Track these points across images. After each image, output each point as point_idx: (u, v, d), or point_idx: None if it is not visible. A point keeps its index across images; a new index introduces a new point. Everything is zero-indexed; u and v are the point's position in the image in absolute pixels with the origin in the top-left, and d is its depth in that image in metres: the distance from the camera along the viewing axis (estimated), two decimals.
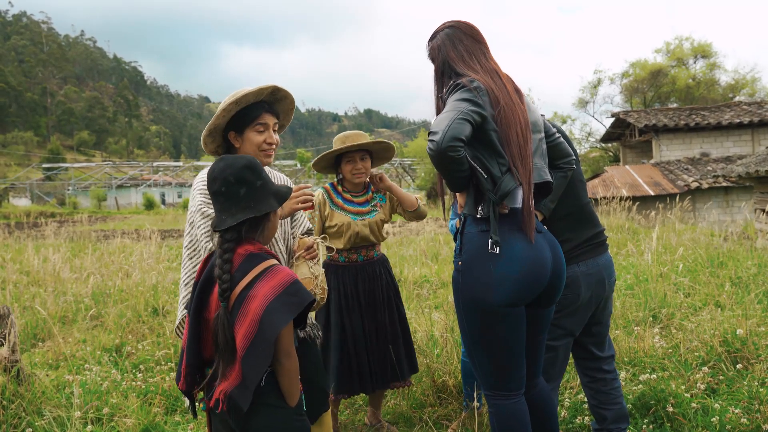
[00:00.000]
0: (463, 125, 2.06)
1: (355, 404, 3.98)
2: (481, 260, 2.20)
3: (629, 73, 33.54)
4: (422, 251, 9.48)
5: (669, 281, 5.92)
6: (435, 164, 2.12)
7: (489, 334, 2.25)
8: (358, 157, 3.46)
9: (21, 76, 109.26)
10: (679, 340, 4.29)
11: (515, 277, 2.17)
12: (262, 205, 2.01)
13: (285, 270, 1.97)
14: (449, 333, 4.23)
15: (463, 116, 2.08)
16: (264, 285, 1.90)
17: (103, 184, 56.48)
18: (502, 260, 2.17)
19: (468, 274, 2.23)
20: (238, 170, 2.00)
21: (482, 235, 2.21)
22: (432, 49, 2.50)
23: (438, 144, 2.03)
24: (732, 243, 8.80)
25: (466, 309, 2.27)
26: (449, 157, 2.05)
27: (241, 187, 1.99)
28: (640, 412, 3.36)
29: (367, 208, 3.49)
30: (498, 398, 2.31)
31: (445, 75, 2.42)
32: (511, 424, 2.29)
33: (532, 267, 2.19)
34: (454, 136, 2.03)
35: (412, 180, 46.31)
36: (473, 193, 2.25)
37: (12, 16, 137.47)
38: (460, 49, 2.40)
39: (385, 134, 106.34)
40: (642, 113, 21.92)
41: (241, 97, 2.45)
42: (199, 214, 2.43)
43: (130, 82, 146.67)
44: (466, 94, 2.18)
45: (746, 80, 33.18)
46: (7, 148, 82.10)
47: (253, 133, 2.51)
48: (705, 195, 17.51)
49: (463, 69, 2.34)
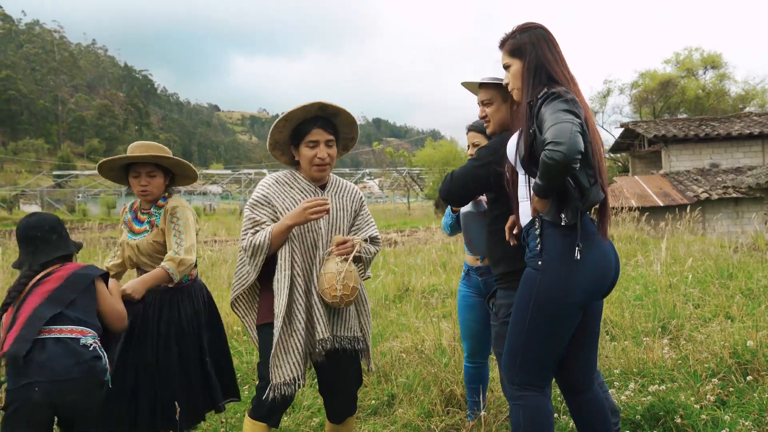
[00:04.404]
0: (579, 137, 2.13)
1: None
2: (564, 263, 2.31)
3: (639, 84, 33.50)
4: (432, 261, 9.48)
5: (678, 292, 5.89)
6: (552, 173, 2.14)
7: (550, 331, 2.37)
8: (144, 173, 3.18)
9: (33, 84, 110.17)
10: (688, 351, 4.27)
11: (592, 280, 2.34)
12: (70, 247, 2.80)
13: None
14: (457, 342, 4.23)
15: (577, 128, 2.14)
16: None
17: (112, 192, 56.69)
18: (582, 265, 2.30)
19: (548, 275, 2.33)
20: (51, 223, 2.78)
21: (564, 239, 2.32)
22: (522, 44, 2.48)
23: (566, 156, 2.08)
24: (742, 254, 8.75)
25: (538, 305, 2.35)
26: (571, 168, 2.12)
27: (53, 234, 2.77)
28: (649, 423, 3.34)
29: (143, 227, 3.23)
30: (528, 390, 2.42)
31: (536, 75, 2.43)
32: (539, 418, 2.40)
33: (603, 271, 2.37)
34: (578, 149, 2.10)
35: (420, 189, 46.30)
36: (556, 201, 2.33)
37: (25, 25, 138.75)
38: (555, 54, 2.45)
39: (393, 143, 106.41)
40: (651, 123, 21.88)
41: (288, 114, 2.71)
42: (245, 216, 2.83)
43: (140, 90, 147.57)
44: (567, 105, 2.23)
45: (756, 91, 33.08)
46: (18, 156, 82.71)
47: (306, 149, 2.78)
48: (715, 206, 17.42)
49: (559, 75, 2.40)
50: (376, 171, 57.95)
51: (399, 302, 7.10)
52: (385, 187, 58.45)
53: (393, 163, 47.78)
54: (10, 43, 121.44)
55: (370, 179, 65.27)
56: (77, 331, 2.55)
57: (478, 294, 3.33)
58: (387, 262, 10.35)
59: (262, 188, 2.84)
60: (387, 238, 17.70)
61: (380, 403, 4.00)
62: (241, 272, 2.87)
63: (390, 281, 8.09)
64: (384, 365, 4.47)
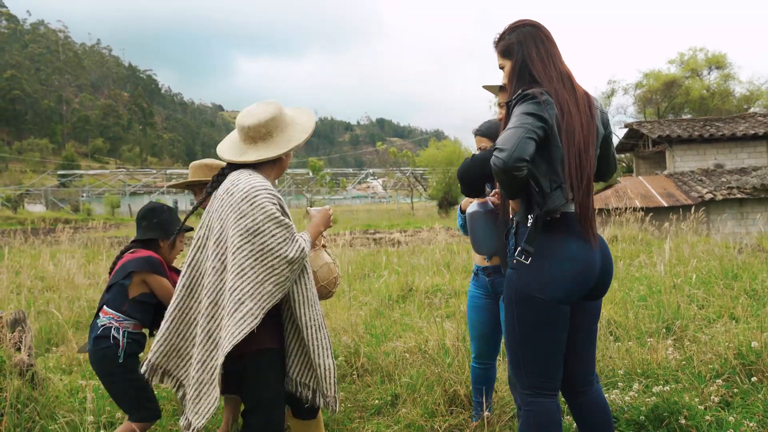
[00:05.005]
0: (528, 144, 2.14)
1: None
2: (535, 260, 2.33)
3: (643, 84, 33.46)
4: (436, 261, 9.48)
5: (682, 293, 5.87)
6: (497, 178, 2.21)
7: (539, 329, 2.37)
8: (198, 190, 3.55)
9: (37, 84, 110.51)
10: (692, 352, 4.26)
11: (567, 276, 2.32)
12: (146, 235, 3.37)
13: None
14: (461, 342, 4.23)
15: (529, 135, 2.16)
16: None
17: (116, 191, 56.87)
18: (557, 260, 2.33)
19: (521, 272, 2.37)
20: (142, 212, 3.43)
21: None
22: (510, 44, 2.50)
23: (504, 162, 2.12)
24: (747, 255, 8.72)
25: (519, 304, 2.38)
26: (513, 175, 2.15)
27: (142, 221, 3.39)
28: (653, 424, 3.33)
29: None
30: (539, 397, 2.43)
31: (521, 76, 2.45)
32: (548, 424, 2.41)
33: (582, 267, 2.35)
34: (519, 157, 2.12)
35: (423, 189, 46.28)
36: (525, 202, 2.37)
37: (30, 25, 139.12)
38: (541, 51, 2.44)
39: (397, 143, 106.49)
40: (656, 124, 21.82)
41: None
42: (275, 222, 2.47)
43: (144, 90, 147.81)
44: (534, 107, 2.24)
45: (761, 91, 33.00)
46: (23, 155, 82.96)
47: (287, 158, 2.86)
48: (719, 206, 17.37)
49: (540, 74, 2.39)
50: (380, 171, 57.92)
51: (402, 302, 7.10)
52: (388, 187, 58.44)
53: (396, 163, 47.79)
54: (15, 43, 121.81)
55: (373, 179, 65.27)
56: (102, 310, 3.16)
57: (486, 295, 3.33)
58: (390, 262, 10.34)
59: (268, 184, 2.62)
60: (390, 239, 17.70)
61: (383, 402, 3.99)
62: (279, 280, 2.50)
63: (393, 281, 8.09)
64: (387, 365, 4.47)
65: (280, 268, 2.47)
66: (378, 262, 10.50)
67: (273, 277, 2.46)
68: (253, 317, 2.41)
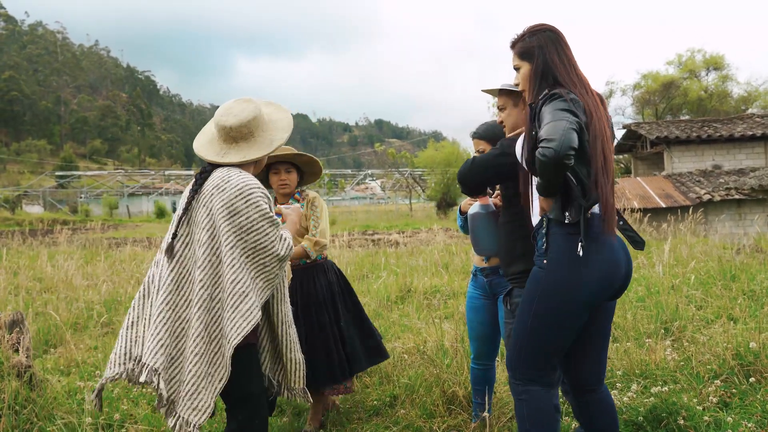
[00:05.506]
0: (573, 134, 2.16)
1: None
2: (568, 262, 2.34)
3: (641, 85, 33.53)
4: (434, 262, 9.48)
5: (681, 294, 5.88)
6: (547, 170, 2.19)
7: (554, 326, 2.40)
8: (283, 169, 3.62)
9: (35, 85, 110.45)
10: (691, 352, 4.26)
11: (598, 279, 2.35)
12: None
13: None
14: (459, 343, 4.23)
15: (572, 126, 2.17)
16: None
17: (115, 192, 56.86)
18: (587, 263, 2.32)
19: (553, 273, 2.37)
20: None
21: (569, 237, 2.34)
22: (530, 47, 2.51)
23: (557, 152, 2.11)
24: (745, 256, 8.73)
25: (542, 303, 2.39)
26: (564, 165, 2.14)
27: None
28: (651, 424, 3.33)
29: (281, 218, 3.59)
30: (533, 386, 2.45)
31: (543, 78, 2.47)
32: (543, 414, 2.44)
33: (611, 269, 2.38)
34: (570, 145, 2.13)
35: (422, 190, 46.28)
36: (560, 199, 2.36)
37: (28, 26, 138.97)
38: (562, 57, 2.48)
39: (395, 144, 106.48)
40: (654, 125, 21.85)
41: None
42: (267, 221, 2.53)
43: (143, 91, 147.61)
44: (565, 104, 2.26)
45: (759, 92, 33.07)
46: (21, 156, 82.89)
47: None
48: (717, 207, 17.40)
49: (564, 78, 2.42)
50: (378, 172, 57.93)
51: (401, 303, 7.10)
52: (387, 188, 58.42)
53: (395, 164, 47.75)
54: (13, 44, 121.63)
55: (372, 180, 65.31)
56: None
57: (485, 296, 3.33)
58: (389, 263, 10.35)
59: (259, 182, 2.65)
60: (389, 239, 17.70)
61: (382, 403, 4.00)
62: (269, 277, 2.60)
63: (392, 282, 8.09)
64: (386, 366, 4.47)
65: (271, 265, 2.56)
66: (376, 263, 10.51)
67: (264, 274, 2.55)
68: (257, 309, 2.49)
